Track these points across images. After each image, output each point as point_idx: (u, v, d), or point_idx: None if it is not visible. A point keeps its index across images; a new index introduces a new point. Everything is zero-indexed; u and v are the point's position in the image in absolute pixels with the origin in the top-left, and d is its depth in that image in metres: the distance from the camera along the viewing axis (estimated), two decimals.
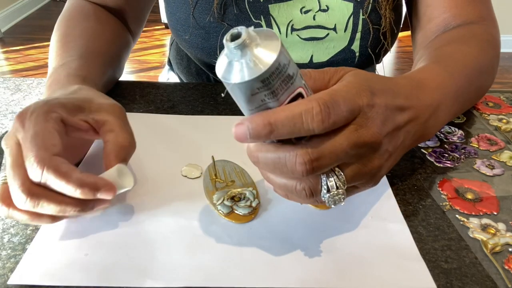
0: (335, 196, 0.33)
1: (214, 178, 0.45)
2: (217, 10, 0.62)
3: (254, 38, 0.28)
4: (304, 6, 0.63)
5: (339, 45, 0.65)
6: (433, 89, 0.43)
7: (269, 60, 0.27)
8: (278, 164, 0.32)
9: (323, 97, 0.30)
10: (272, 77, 0.28)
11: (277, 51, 0.27)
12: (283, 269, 0.36)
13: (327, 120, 0.30)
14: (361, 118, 0.32)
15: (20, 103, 0.55)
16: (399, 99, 0.37)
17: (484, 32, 0.58)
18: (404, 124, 0.37)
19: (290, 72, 0.29)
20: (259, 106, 0.30)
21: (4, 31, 3.12)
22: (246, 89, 0.28)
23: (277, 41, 0.28)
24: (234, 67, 0.28)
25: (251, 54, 0.27)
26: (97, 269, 0.36)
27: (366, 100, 0.33)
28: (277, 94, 0.29)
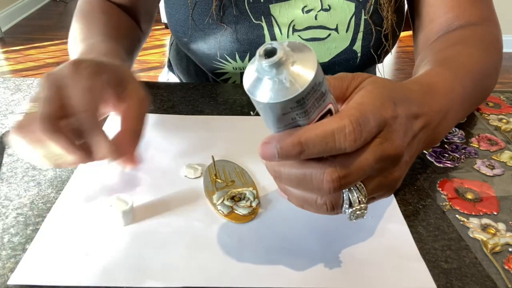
0: (357, 211, 0.32)
1: (214, 178, 0.45)
2: (216, 11, 0.62)
3: (290, 55, 0.26)
4: (306, 5, 0.62)
5: (341, 46, 0.65)
6: (442, 94, 0.42)
7: (306, 80, 0.26)
8: (303, 180, 0.31)
9: (355, 113, 0.29)
10: (307, 96, 0.26)
11: (314, 70, 0.26)
12: (282, 269, 0.36)
13: (359, 139, 0.29)
14: (386, 132, 0.31)
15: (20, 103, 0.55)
16: (414, 107, 0.36)
17: (487, 34, 0.58)
18: (419, 132, 0.36)
19: (323, 89, 0.27)
20: (288, 124, 0.28)
21: (4, 31, 3.12)
22: (279, 109, 0.27)
23: (313, 58, 0.26)
24: (266, 84, 0.26)
25: (287, 73, 0.26)
26: (97, 269, 0.36)
27: (390, 111, 0.32)
28: (309, 112, 0.28)
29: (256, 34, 0.63)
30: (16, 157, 0.49)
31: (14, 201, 0.43)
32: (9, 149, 0.50)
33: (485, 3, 0.62)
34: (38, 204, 0.42)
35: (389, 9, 0.62)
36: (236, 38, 0.63)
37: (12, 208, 0.42)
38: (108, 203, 0.40)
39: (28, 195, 0.44)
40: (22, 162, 0.48)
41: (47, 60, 2.70)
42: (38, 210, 0.42)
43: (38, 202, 0.43)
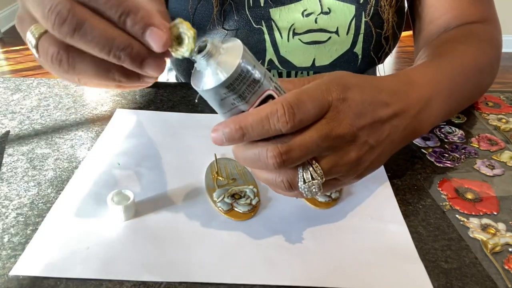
0: (311, 187, 0.34)
1: (215, 175, 0.45)
2: (217, 16, 0.62)
3: (218, 48, 0.30)
4: (305, 9, 0.62)
5: (342, 48, 0.65)
6: (423, 84, 0.43)
7: (231, 68, 0.29)
8: (254, 159, 0.33)
9: (288, 98, 0.32)
10: (236, 82, 0.30)
11: (238, 58, 0.29)
12: (280, 267, 0.36)
13: (293, 120, 0.31)
14: (332, 112, 0.33)
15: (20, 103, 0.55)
16: (382, 95, 0.37)
17: (484, 32, 0.58)
18: (388, 118, 0.37)
19: (256, 76, 0.31)
20: (231, 109, 0.32)
21: (4, 31, 3.12)
22: (214, 95, 0.31)
23: (239, 48, 0.30)
24: (202, 75, 0.31)
25: (215, 63, 0.30)
26: (97, 262, 0.36)
27: (335, 94, 0.34)
28: (245, 97, 0.31)
29: (256, 39, 0.63)
30: (16, 157, 0.49)
31: (14, 201, 0.43)
32: (9, 149, 0.51)
33: (485, 3, 0.62)
34: (38, 204, 0.42)
35: (390, 11, 0.62)
36: None
37: (12, 208, 0.42)
38: (110, 198, 0.40)
39: (28, 195, 0.44)
40: (22, 162, 0.48)
41: None
42: (38, 210, 0.42)
43: (38, 202, 0.43)
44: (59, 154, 0.50)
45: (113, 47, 0.29)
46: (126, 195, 0.40)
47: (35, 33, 0.30)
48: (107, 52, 0.29)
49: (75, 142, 0.52)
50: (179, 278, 0.35)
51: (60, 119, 0.57)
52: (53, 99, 0.61)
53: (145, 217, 0.41)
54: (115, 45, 0.29)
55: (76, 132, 0.54)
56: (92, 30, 0.28)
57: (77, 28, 0.28)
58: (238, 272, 0.36)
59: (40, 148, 0.51)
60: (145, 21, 0.29)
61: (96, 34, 0.28)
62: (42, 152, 0.50)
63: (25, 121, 0.56)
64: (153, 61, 0.30)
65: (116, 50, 0.29)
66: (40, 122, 0.56)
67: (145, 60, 0.30)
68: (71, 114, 0.58)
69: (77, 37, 0.28)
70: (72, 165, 0.48)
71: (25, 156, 0.49)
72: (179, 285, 0.35)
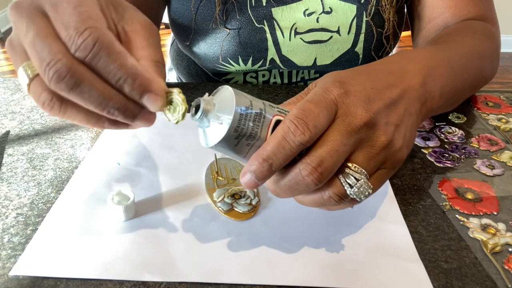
0: (360, 188, 0.33)
1: (215, 175, 0.45)
2: (219, 16, 0.62)
3: (211, 102, 0.31)
4: (307, 8, 0.62)
5: (343, 48, 0.65)
6: (419, 58, 0.42)
7: (229, 116, 0.30)
8: (293, 186, 0.32)
9: (293, 112, 0.31)
10: (240, 125, 0.30)
11: (233, 104, 0.30)
12: (280, 267, 0.36)
13: (307, 129, 0.30)
14: (341, 109, 0.33)
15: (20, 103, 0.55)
16: (380, 80, 0.36)
17: (482, 27, 0.59)
18: (398, 97, 0.36)
19: (256, 110, 0.31)
20: (249, 150, 0.32)
21: (4, 31, 3.12)
22: (226, 145, 0.31)
23: (231, 94, 0.31)
24: (207, 133, 0.31)
25: (214, 117, 0.31)
26: (98, 263, 0.36)
27: (336, 91, 0.33)
28: (256, 134, 0.31)
29: (258, 38, 0.63)
30: (16, 157, 0.49)
31: (14, 201, 0.43)
32: (9, 149, 0.51)
33: (484, 2, 0.62)
34: (38, 204, 0.42)
35: (390, 11, 0.62)
36: (239, 42, 0.64)
37: (12, 208, 0.42)
38: (110, 198, 0.40)
39: (28, 195, 0.44)
40: (22, 162, 0.48)
41: None
42: (38, 210, 0.42)
43: (38, 202, 0.43)
44: (59, 154, 0.50)
45: (108, 106, 0.29)
46: (126, 195, 0.40)
47: (29, 73, 0.29)
48: (101, 110, 0.29)
49: (75, 142, 0.52)
50: (179, 278, 0.35)
51: (60, 119, 0.57)
52: None
53: (145, 217, 0.41)
54: (110, 105, 0.29)
55: (76, 132, 0.54)
56: (89, 90, 0.28)
57: (75, 87, 0.28)
58: (238, 272, 0.36)
59: (40, 148, 0.51)
60: (143, 88, 0.29)
61: (93, 93, 0.28)
62: (42, 152, 0.50)
63: (25, 121, 0.56)
64: (144, 116, 0.31)
65: (110, 108, 0.29)
66: (40, 122, 0.56)
67: (137, 116, 0.31)
68: None
69: (73, 94, 0.28)
70: (72, 165, 0.48)
71: (25, 156, 0.49)
72: (179, 285, 0.35)
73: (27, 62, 0.29)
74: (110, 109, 0.29)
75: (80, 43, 0.27)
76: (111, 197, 0.40)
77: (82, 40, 0.27)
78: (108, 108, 0.29)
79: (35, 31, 0.28)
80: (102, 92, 0.29)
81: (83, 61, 0.28)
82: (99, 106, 0.29)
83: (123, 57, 0.28)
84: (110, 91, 0.29)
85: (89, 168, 0.47)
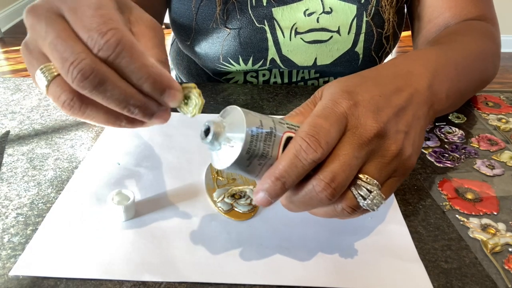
0: (373, 200, 0.33)
1: (215, 175, 0.45)
2: (220, 16, 0.62)
3: (220, 125, 0.31)
4: (307, 8, 0.63)
5: (343, 48, 0.65)
6: (424, 58, 0.42)
7: (240, 138, 0.30)
8: (307, 202, 0.32)
9: (304, 129, 0.31)
10: (252, 146, 0.30)
11: (244, 126, 0.30)
12: (280, 267, 0.36)
13: (319, 146, 0.30)
14: (351, 121, 0.32)
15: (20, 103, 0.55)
16: (387, 86, 0.36)
17: (482, 28, 0.59)
18: (406, 102, 0.36)
19: (267, 129, 0.31)
20: (261, 169, 0.31)
21: (4, 31, 3.12)
22: (238, 166, 0.30)
23: (240, 115, 0.30)
24: (219, 155, 0.31)
25: (224, 140, 0.30)
26: (98, 263, 0.36)
27: (345, 103, 0.33)
28: (268, 153, 0.31)
29: (259, 38, 0.64)
30: (16, 157, 0.49)
31: (14, 201, 0.43)
32: (9, 149, 0.51)
33: (484, 3, 0.62)
34: (38, 204, 0.42)
35: (390, 11, 0.62)
36: (239, 41, 0.64)
37: (12, 208, 0.42)
38: (110, 198, 0.40)
39: (28, 195, 0.44)
40: (22, 162, 0.48)
41: None
42: (38, 210, 0.42)
43: (38, 202, 0.43)
44: (59, 154, 0.50)
45: (129, 104, 0.30)
46: (126, 195, 0.40)
47: (48, 76, 0.30)
48: (122, 108, 0.30)
49: (75, 142, 0.52)
50: (179, 278, 0.35)
51: (60, 119, 0.57)
52: None
53: (145, 217, 0.41)
54: (131, 103, 0.30)
55: (76, 132, 0.54)
56: (112, 89, 0.29)
57: (98, 86, 0.28)
58: (238, 272, 0.36)
59: (40, 148, 0.51)
60: (164, 86, 0.30)
61: (115, 92, 0.29)
62: (42, 152, 0.50)
63: (25, 121, 0.56)
64: (161, 114, 0.32)
65: (131, 107, 0.30)
66: (40, 122, 0.56)
67: (154, 113, 0.32)
68: None
69: (96, 93, 0.29)
70: (72, 165, 0.48)
71: (25, 156, 0.49)
72: (179, 285, 0.35)
73: (45, 64, 0.30)
74: (130, 107, 0.30)
75: (103, 43, 0.28)
76: (111, 197, 0.40)
77: (105, 41, 0.28)
78: (129, 106, 0.30)
79: (55, 33, 0.28)
80: (124, 91, 0.29)
81: (105, 61, 0.28)
82: (121, 104, 0.30)
83: (144, 57, 0.29)
84: (131, 89, 0.30)
85: (89, 168, 0.47)
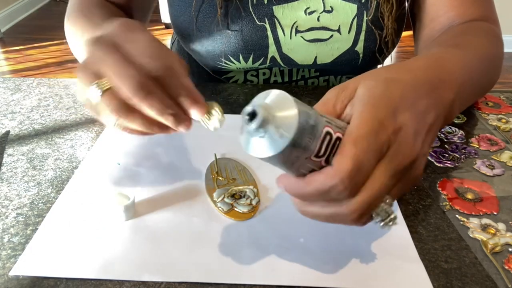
0: (388, 223, 0.33)
1: (215, 175, 0.45)
2: (221, 18, 0.62)
3: (271, 112, 0.27)
4: (308, 7, 0.63)
5: (343, 47, 0.65)
6: (454, 68, 0.41)
7: (291, 130, 0.27)
8: (331, 219, 0.33)
9: (345, 169, 0.29)
10: (299, 139, 0.27)
11: (296, 114, 0.27)
12: (279, 267, 0.36)
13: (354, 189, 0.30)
14: (392, 147, 0.31)
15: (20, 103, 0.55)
16: (422, 99, 0.34)
17: (489, 29, 0.59)
18: (434, 120, 0.35)
19: (312, 122, 0.28)
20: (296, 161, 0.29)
21: (4, 31, 3.12)
22: (281, 158, 0.28)
23: (291, 104, 0.27)
24: (261, 143, 0.28)
25: (272, 129, 0.27)
26: (98, 263, 0.36)
27: (391, 128, 0.31)
28: (309, 146, 0.28)
29: (259, 36, 0.64)
30: (16, 157, 0.49)
31: (14, 201, 0.43)
32: (9, 149, 0.51)
33: (486, 3, 0.62)
34: (38, 204, 0.42)
35: (390, 18, 0.63)
36: (240, 39, 0.64)
37: (12, 208, 0.42)
38: (110, 198, 0.40)
39: (28, 195, 0.44)
40: (22, 162, 0.48)
41: (47, 60, 2.70)
42: (38, 210, 0.42)
43: (38, 202, 0.43)
44: (59, 154, 0.50)
45: (165, 112, 0.36)
46: (126, 195, 0.41)
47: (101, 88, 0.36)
48: (160, 115, 0.36)
49: (75, 142, 0.52)
50: (179, 278, 0.35)
51: (60, 119, 0.57)
52: (53, 99, 0.61)
53: (145, 217, 0.41)
54: (168, 112, 0.36)
55: (76, 132, 0.54)
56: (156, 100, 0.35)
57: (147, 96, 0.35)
58: (238, 272, 0.36)
59: (40, 148, 0.51)
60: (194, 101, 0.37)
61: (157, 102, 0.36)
62: (42, 152, 0.50)
63: (25, 121, 0.56)
64: (187, 123, 0.38)
65: (167, 115, 0.36)
66: (40, 122, 0.56)
67: (182, 122, 0.38)
68: (71, 114, 0.58)
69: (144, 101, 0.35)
70: (72, 165, 0.48)
71: (25, 156, 0.49)
72: (179, 285, 0.35)
73: (98, 81, 0.36)
74: (167, 115, 0.36)
75: (156, 67, 0.36)
76: (111, 197, 0.40)
77: (158, 65, 0.36)
78: (165, 114, 0.36)
79: (114, 58, 0.36)
80: (164, 102, 0.36)
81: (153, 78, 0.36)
82: (160, 112, 0.36)
83: (184, 77, 0.37)
84: (169, 101, 0.36)
85: (89, 168, 0.47)
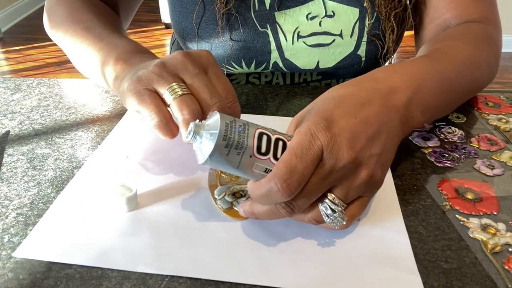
0: (334, 220, 0.36)
1: (219, 172, 0.45)
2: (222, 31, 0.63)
3: (200, 124, 0.36)
4: (310, 12, 0.63)
5: (345, 51, 0.65)
6: (408, 75, 0.43)
7: (216, 128, 0.34)
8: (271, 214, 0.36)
9: (279, 172, 0.33)
10: (227, 134, 0.34)
11: (218, 118, 0.34)
12: (273, 269, 0.36)
13: (291, 191, 0.33)
14: (326, 152, 0.34)
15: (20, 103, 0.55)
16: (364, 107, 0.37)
17: (481, 30, 0.58)
18: (381, 124, 0.37)
19: (240, 123, 0.35)
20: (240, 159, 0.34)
21: (4, 31, 3.12)
22: (219, 154, 0.34)
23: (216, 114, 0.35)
24: (202, 149, 0.35)
25: (204, 134, 0.35)
26: (96, 251, 0.37)
27: (323, 137, 0.34)
28: (243, 142, 0.34)
29: (262, 42, 0.64)
30: (16, 157, 0.49)
31: (14, 201, 0.43)
32: (9, 149, 0.51)
33: (486, 4, 0.62)
34: (38, 204, 0.42)
35: (391, 37, 0.63)
36: (243, 46, 0.64)
37: (12, 208, 0.42)
38: (113, 189, 0.41)
39: (28, 195, 0.44)
40: (22, 162, 0.48)
41: (47, 60, 2.70)
42: (38, 210, 0.42)
43: (38, 202, 0.43)
44: (59, 154, 0.50)
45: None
46: (129, 187, 0.42)
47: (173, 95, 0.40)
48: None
49: (75, 142, 0.52)
50: (170, 271, 0.35)
51: (60, 119, 0.57)
52: (53, 99, 0.61)
53: (146, 209, 0.42)
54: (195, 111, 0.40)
55: (76, 132, 0.54)
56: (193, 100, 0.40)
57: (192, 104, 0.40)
58: (230, 270, 0.36)
59: (40, 148, 0.51)
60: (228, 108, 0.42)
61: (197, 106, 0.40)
62: (42, 152, 0.50)
63: (25, 121, 0.56)
64: None
65: None
66: (40, 122, 0.56)
67: None
68: (71, 114, 0.58)
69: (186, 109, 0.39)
70: (72, 165, 0.48)
71: (25, 156, 0.49)
72: (179, 285, 0.35)
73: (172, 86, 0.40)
74: None
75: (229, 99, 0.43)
76: (114, 189, 0.41)
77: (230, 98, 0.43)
78: None
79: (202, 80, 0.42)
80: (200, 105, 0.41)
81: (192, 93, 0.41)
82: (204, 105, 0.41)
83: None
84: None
85: (99, 160, 0.48)
